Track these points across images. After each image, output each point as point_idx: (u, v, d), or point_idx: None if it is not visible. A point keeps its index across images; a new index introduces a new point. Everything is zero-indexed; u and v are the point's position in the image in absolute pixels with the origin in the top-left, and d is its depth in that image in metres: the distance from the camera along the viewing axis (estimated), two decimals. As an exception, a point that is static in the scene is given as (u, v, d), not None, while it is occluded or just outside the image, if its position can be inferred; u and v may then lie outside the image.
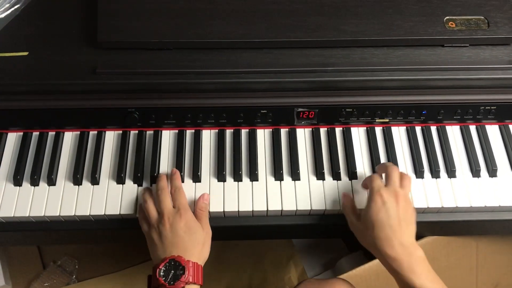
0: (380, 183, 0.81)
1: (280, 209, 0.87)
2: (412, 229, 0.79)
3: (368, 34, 0.88)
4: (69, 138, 0.94)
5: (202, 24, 0.88)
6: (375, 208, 0.78)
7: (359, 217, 0.82)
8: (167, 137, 0.94)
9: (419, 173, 0.91)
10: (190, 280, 0.74)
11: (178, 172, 0.88)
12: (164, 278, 0.74)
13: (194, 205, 0.85)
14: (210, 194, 0.88)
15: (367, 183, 0.84)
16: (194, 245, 0.79)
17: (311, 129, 0.96)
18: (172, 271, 0.74)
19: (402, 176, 0.84)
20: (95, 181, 0.89)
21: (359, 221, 0.81)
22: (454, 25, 0.90)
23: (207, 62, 0.88)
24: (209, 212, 0.87)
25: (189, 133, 0.95)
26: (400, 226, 0.77)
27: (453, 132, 0.96)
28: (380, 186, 0.80)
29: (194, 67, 0.87)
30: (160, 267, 0.74)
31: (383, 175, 0.85)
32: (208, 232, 0.83)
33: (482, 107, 0.94)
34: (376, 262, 1.00)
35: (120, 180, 0.89)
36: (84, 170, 0.90)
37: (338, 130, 0.96)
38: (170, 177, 0.88)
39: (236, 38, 0.88)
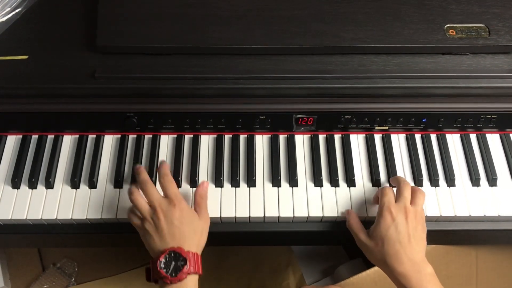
0: (390, 198, 0.81)
1: (277, 215, 0.87)
2: (422, 246, 0.78)
3: (367, 41, 0.88)
4: (68, 141, 0.94)
5: (201, 29, 0.88)
6: (384, 224, 0.78)
7: (367, 234, 0.81)
8: (166, 141, 0.94)
9: (418, 181, 0.91)
10: (192, 271, 0.74)
11: (166, 162, 0.85)
12: (165, 270, 0.73)
13: (194, 193, 0.84)
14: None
15: (378, 197, 0.83)
16: (192, 235, 0.77)
17: (309, 135, 0.95)
18: (173, 263, 0.73)
19: (415, 191, 0.83)
20: (92, 185, 0.89)
21: (367, 238, 0.80)
22: (454, 33, 0.89)
23: (205, 68, 0.88)
24: (205, 217, 0.87)
25: (187, 138, 0.95)
26: (410, 242, 0.76)
27: (453, 140, 0.96)
28: (390, 202, 0.80)
29: (193, 73, 0.87)
30: (160, 259, 0.73)
31: (395, 189, 0.85)
32: (206, 220, 0.82)
33: (482, 116, 0.94)
34: (374, 270, 1.00)
35: (117, 184, 0.89)
36: (82, 174, 0.91)
37: (337, 137, 0.95)
38: (158, 166, 0.85)
39: (235, 44, 0.88)
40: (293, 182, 0.90)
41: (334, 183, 0.90)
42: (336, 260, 1.28)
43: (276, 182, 0.90)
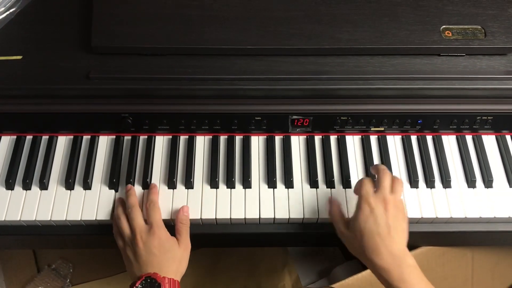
0: (369, 189, 0.79)
1: (273, 217, 0.87)
2: (402, 237, 0.76)
3: (363, 43, 0.88)
4: (63, 142, 0.94)
5: (196, 30, 0.88)
6: (363, 216, 0.76)
7: (347, 225, 0.80)
8: (161, 142, 0.94)
9: (413, 183, 0.91)
10: None
11: (156, 187, 0.88)
12: None
13: (176, 219, 0.84)
14: (202, 200, 0.88)
15: (357, 189, 0.82)
16: (170, 263, 0.78)
17: (305, 136, 0.95)
18: None
19: (393, 180, 0.81)
20: (87, 186, 0.89)
21: (347, 230, 0.79)
22: (450, 34, 0.89)
23: (200, 69, 0.87)
24: (201, 219, 0.87)
25: (182, 139, 0.94)
26: (390, 234, 0.74)
27: (449, 141, 0.96)
28: (369, 193, 0.78)
29: (188, 73, 0.86)
30: (137, 284, 0.74)
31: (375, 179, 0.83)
32: (186, 248, 0.83)
33: (478, 117, 0.94)
34: (369, 271, 0.99)
35: (112, 185, 0.89)
36: (76, 175, 0.90)
37: (332, 138, 0.95)
38: (148, 190, 0.87)
39: (230, 45, 0.87)
40: (288, 183, 0.89)
41: (329, 184, 0.90)
42: (332, 262, 1.28)
43: (271, 184, 0.89)
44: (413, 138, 0.95)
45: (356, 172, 0.92)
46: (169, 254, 0.79)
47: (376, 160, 0.93)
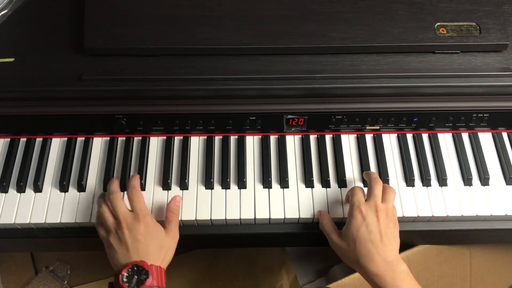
0: (360, 197, 0.80)
1: (268, 217, 0.86)
2: (394, 243, 0.77)
3: (358, 41, 0.87)
4: (57, 144, 0.93)
5: (190, 30, 0.87)
6: (355, 224, 0.77)
7: (340, 235, 0.81)
8: (155, 143, 0.93)
9: (409, 181, 0.90)
10: (155, 284, 0.73)
11: (136, 175, 0.86)
12: (127, 284, 0.72)
13: (166, 207, 0.84)
14: (197, 201, 0.88)
15: (349, 197, 0.83)
16: (156, 250, 0.77)
17: (300, 136, 0.95)
18: (136, 276, 0.72)
19: (385, 189, 0.82)
20: (81, 188, 0.88)
21: (340, 239, 0.80)
22: (445, 32, 0.89)
23: (194, 69, 0.87)
24: (196, 220, 0.86)
25: (177, 139, 0.94)
26: (382, 241, 0.76)
27: (445, 139, 0.95)
28: (360, 201, 0.79)
29: (181, 74, 0.86)
30: (123, 272, 0.72)
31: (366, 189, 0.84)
32: (174, 237, 0.81)
33: (474, 115, 0.93)
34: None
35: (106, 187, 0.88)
36: (70, 177, 0.90)
37: (328, 137, 0.95)
38: (129, 180, 0.85)
39: (224, 45, 0.87)
40: (284, 183, 0.89)
41: (325, 184, 0.90)
42: (329, 261, 1.28)
43: (267, 184, 0.89)
44: (409, 137, 0.95)
45: (351, 171, 0.91)
46: (155, 241, 0.77)
47: (372, 159, 0.92)
